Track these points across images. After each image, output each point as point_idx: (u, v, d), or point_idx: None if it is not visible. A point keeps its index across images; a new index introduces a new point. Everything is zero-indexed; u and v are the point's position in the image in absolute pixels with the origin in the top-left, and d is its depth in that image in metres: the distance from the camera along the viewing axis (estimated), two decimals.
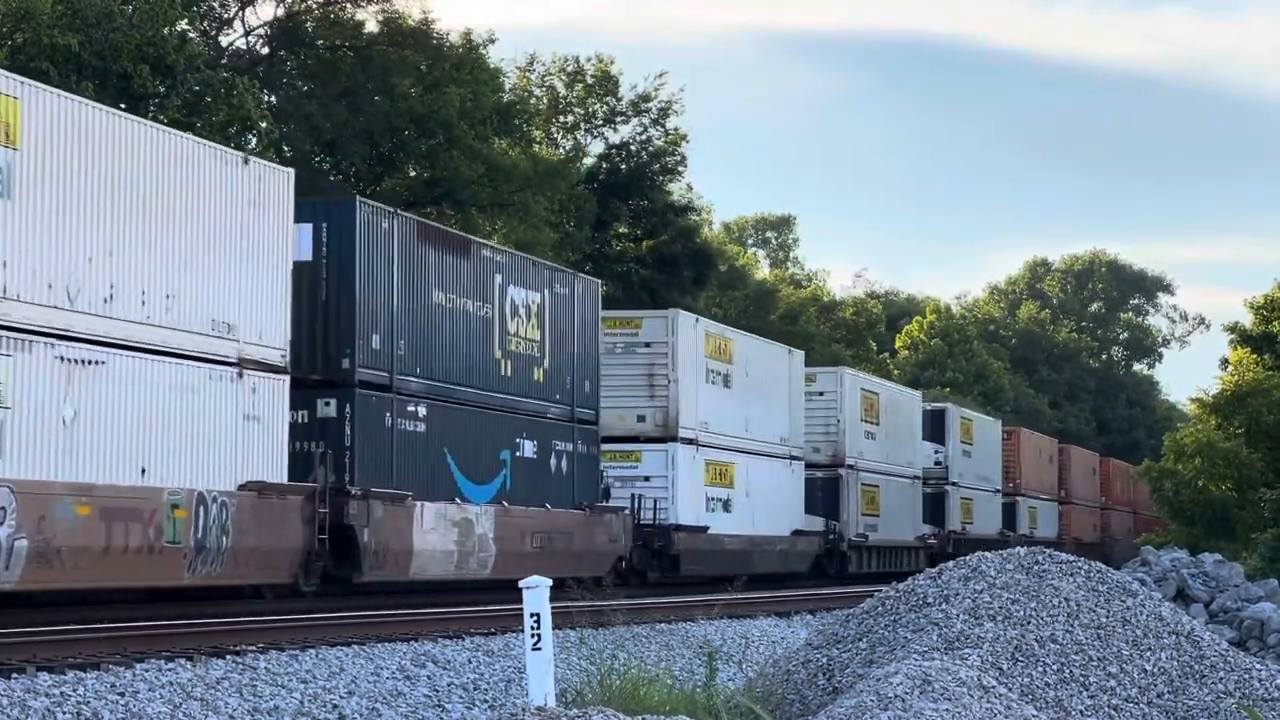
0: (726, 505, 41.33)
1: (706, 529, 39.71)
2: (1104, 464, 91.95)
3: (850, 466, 50.76)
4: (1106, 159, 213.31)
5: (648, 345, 38.50)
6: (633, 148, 70.06)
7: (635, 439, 38.39)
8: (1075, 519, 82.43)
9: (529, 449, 31.78)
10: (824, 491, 49.62)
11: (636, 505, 37.12)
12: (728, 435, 41.45)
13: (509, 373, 31.18)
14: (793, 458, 46.18)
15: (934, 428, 61.92)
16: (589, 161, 70.20)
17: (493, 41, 58.32)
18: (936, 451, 61.69)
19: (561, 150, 69.44)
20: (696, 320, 40.96)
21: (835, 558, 49.29)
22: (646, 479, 38.12)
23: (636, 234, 69.71)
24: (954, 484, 62.86)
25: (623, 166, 69.54)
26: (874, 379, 57.66)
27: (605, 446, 36.45)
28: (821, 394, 49.90)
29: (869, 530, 51.84)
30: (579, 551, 33.13)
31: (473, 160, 54.13)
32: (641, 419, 38.41)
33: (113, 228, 22.06)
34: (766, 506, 43.77)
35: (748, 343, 44.49)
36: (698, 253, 70.19)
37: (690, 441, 39.16)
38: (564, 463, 32.99)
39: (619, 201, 69.13)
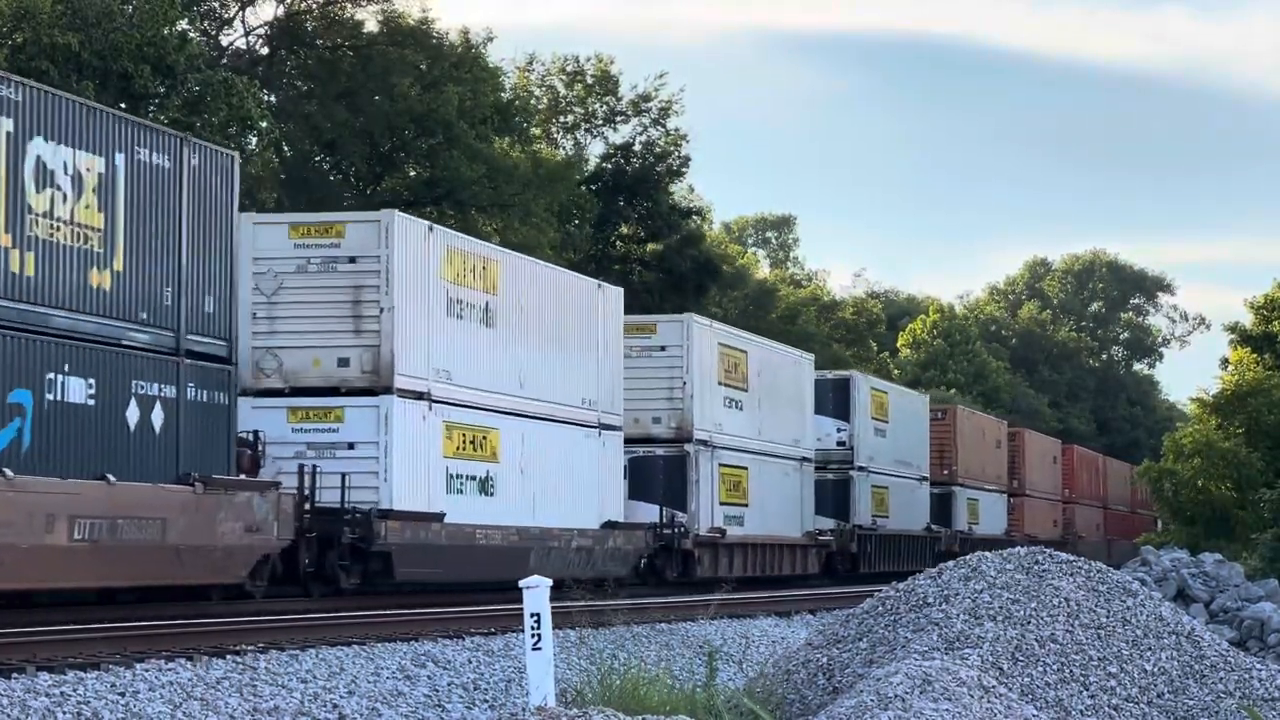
0: (485, 486, 30.55)
1: (442, 516, 29.02)
2: (1068, 452, 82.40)
3: (702, 442, 39.51)
4: (1106, 159, 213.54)
5: (352, 261, 28.53)
6: (636, 148, 70.09)
7: (336, 391, 28.17)
8: (1030, 514, 72.49)
9: (76, 390, 21.43)
10: (666, 474, 38.89)
11: (309, 481, 27.00)
12: (486, 390, 30.68)
13: (29, 271, 20.76)
14: (605, 427, 35.20)
15: (836, 401, 51.42)
16: (592, 163, 70.23)
17: (491, 40, 58.46)
18: (840, 429, 51.43)
19: (562, 150, 69.46)
20: (431, 228, 29.90)
21: (675, 557, 38.46)
22: (351, 446, 27.83)
23: (640, 236, 69.74)
24: (862, 469, 51.90)
25: (627, 168, 69.57)
26: (740, 333, 45.51)
27: (295, 402, 27.91)
28: (663, 349, 39.00)
29: (732, 523, 41.10)
30: (182, 547, 22.79)
31: (473, 160, 54.16)
32: (344, 363, 28.23)
33: None
34: (557, 490, 32.95)
35: (524, 268, 33.01)
36: (704, 264, 70.19)
37: (418, 395, 28.62)
38: (157, 414, 22.78)
39: (622, 202, 69.17)
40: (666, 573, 38.08)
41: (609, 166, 69.75)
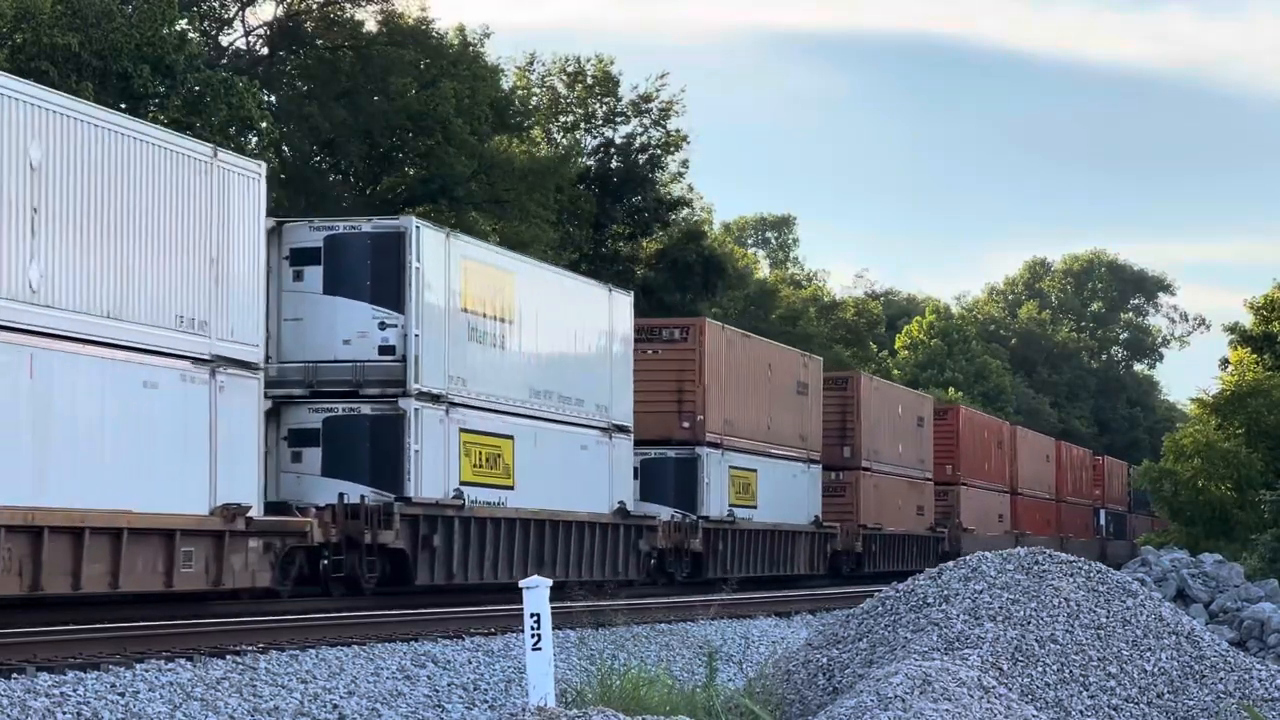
0: None
1: None
2: (949, 415, 61.54)
3: None
4: (1107, 159, 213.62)
5: None
6: (620, 142, 69.92)
7: None
8: (872, 495, 51.34)
9: None
10: None
11: None
12: None
13: None
14: None
15: (378, 273, 28.34)
16: (584, 160, 70.14)
17: (487, 36, 58.53)
18: (385, 325, 28.11)
19: (558, 145, 69.34)
20: None
21: None
22: None
23: (631, 231, 69.63)
24: (431, 396, 28.61)
25: (614, 164, 69.45)
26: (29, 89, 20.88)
27: None
28: None
29: None
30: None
31: (467, 156, 54.09)
32: None
33: None
34: None
35: None
36: (709, 260, 70.05)
37: None
38: None
39: (613, 199, 69.06)
40: None
41: (595, 163, 69.54)
